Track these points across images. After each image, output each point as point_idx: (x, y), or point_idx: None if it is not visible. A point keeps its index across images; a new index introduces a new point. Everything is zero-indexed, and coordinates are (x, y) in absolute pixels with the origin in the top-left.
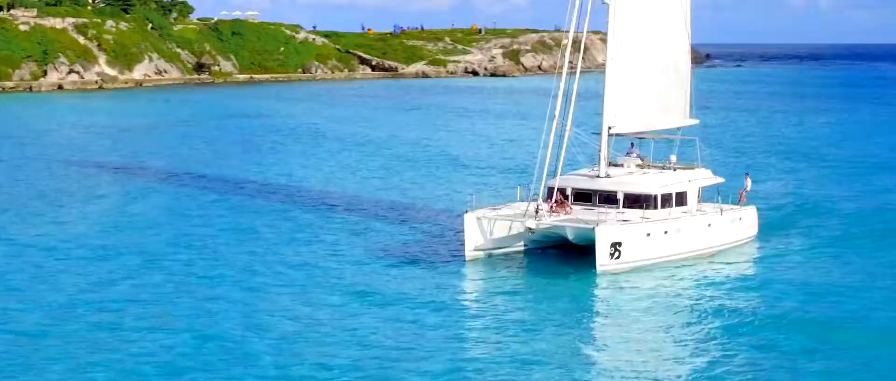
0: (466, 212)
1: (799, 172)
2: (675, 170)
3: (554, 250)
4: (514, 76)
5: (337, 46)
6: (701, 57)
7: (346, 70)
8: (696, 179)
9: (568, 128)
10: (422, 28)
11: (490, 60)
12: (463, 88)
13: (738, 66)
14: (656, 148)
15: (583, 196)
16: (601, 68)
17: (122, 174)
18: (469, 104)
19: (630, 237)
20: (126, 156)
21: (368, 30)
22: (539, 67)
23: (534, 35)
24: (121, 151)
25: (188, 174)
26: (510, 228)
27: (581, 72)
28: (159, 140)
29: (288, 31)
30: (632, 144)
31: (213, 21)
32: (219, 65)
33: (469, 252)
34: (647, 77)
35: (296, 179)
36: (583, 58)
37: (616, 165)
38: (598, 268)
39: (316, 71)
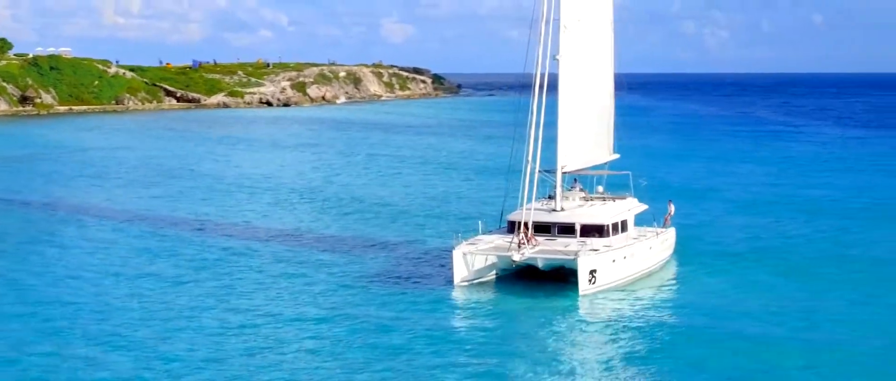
0: (454, 248)
1: (701, 197)
2: (614, 201)
3: (529, 277)
4: (303, 106)
5: (144, 80)
6: (452, 87)
7: (154, 102)
8: (632, 208)
9: (537, 170)
10: (215, 62)
11: (281, 92)
12: (288, 118)
13: (491, 95)
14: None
15: (542, 228)
16: (374, 98)
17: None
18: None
19: (602, 265)
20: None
21: (167, 64)
22: (323, 98)
23: (315, 68)
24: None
25: (95, 209)
26: (486, 259)
27: (355, 101)
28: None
29: (100, 66)
30: (574, 179)
31: (30, 56)
32: (41, 97)
33: (457, 282)
34: (587, 121)
35: (205, 213)
36: (357, 88)
37: (564, 198)
38: (581, 292)
39: (128, 102)
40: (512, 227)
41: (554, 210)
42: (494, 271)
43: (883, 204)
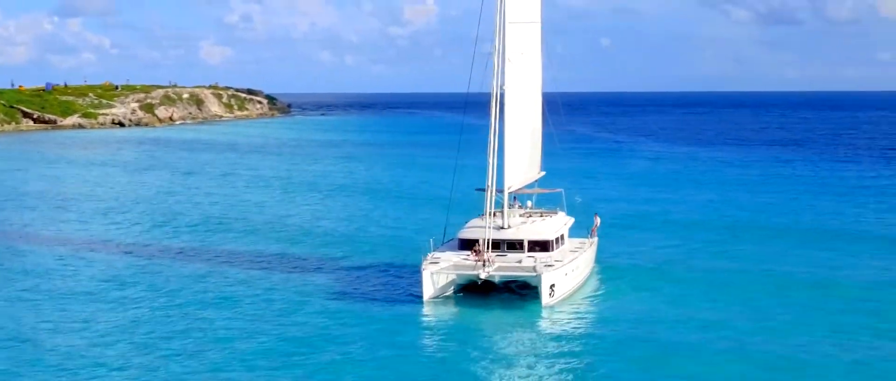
0: (423, 269)
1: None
2: (549, 216)
3: (483, 290)
4: (154, 126)
5: (2, 101)
6: (284, 107)
7: (12, 123)
8: (567, 222)
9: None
10: (66, 84)
11: (132, 113)
12: (156, 140)
13: (324, 115)
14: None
15: (492, 244)
16: (215, 118)
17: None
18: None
19: (559, 278)
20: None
21: (20, 86)
22: (170, 118)
23: (161, 90)
24: None
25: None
26: (447, 276)
27: (200, 121)
28: None
29: None
30: (514, 198)
31: None
32: None
33: (426, 298)
34: (524, 143)
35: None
36: (199, 109)
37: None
38: (543, 304)
39: None
40: (463, 244)
41: (501, 227)
42: (453, 287)
43: (741, 218)
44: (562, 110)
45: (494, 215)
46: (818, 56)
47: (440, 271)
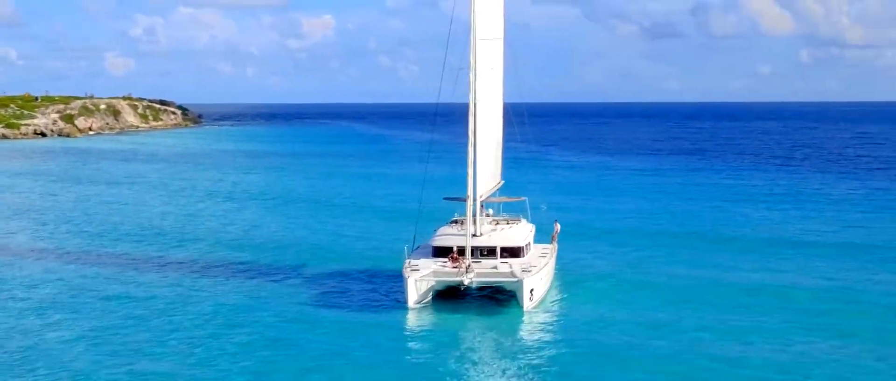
0: (407, 276)
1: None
2: (516, 223)
3: (459, 295)
4: (76, 137)
5: None
6: (196, 118)
7: None
8: (531, 229)
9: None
10: None
11: (53, 123)
12: (87, 151)
13: (235, 125)
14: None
15: (464, 251)
16: (132, 128)
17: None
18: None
19: (536, 283)
20: None
21: None
22: (90, 128)
23: (79, 101)
24: None
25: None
26: (428, 283)
27: (118, 132)
28: None
29: None
30: (482, 205)
31: None
32: None
33: (411, 305)
34: (490, 153)
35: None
36: (117, 120)
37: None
38: (525, 308)
39: None
40: (437, 251)
41: (473, 235)
42: (431, 293)
43: (707, 227)
44: (515, 120)
45: (463, 223)
46: (701, 69)
47: (423, 277)
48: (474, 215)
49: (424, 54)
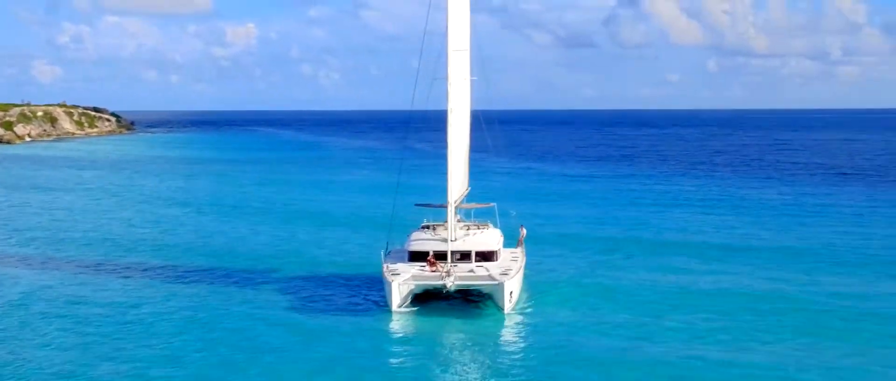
0: (391, 281)
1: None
2: (485, 228)
3: (436, 298)
4: (15, 143)
5: None
6: (129, 125)
7: None
8: (500, 234)
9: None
10: None
11: None
12: (37, 158)
13: (170, 132)
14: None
15: (441, 256)
16: (68, 135)
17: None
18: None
19: (515, 286)
20: None
21: None
22: (29, 135)
23: (17, 108)
24: None
25: None
26: (410, 287)
27: (55, 139)
28: None
29: None
30: (455, 211)
31: None
32: None
33: (395, 308)
34: (461, 160)
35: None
36: (54, 127)
37: (445, 228)
38: (506, 310)
39: None
40: (413, 256)
41: (447, 240)
42: (411, 297)
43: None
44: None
45: (434, 228)
46: (614, 77)
47: (405, 281)
48: (449, 221)
49: (346, 63)
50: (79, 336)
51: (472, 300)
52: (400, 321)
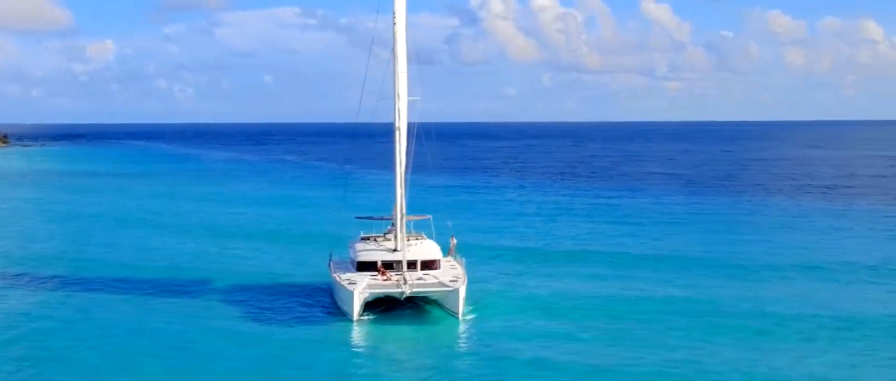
0: (353, 292)
1: None
2: (422, 239)
3: (387, 304)
4: None
5: None
6: (3, 138)
7: None
8: (436, 245)
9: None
10: None
11: None
12: None
13: (44, 146)
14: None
15: (389, 265)
16: None
17: None
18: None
19: (464, 293)
20: None
21: None
22: None
23: None
24: None
25: None
26: (365, 296)
27: None
28: None
29: None
30: (392, 223)
31: None
32: None
33: (356, 317)
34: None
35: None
36: None
37: (386, 239)
38: (459, 316)
39: None
40: (362, 266)
41: (393, 249)
42: (363, 305)
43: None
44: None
45: (376, 239)
46: (454, 92)
47: (363, 290)
48: (396, 232)
49: (200, 78)
50: (33, 350)
51: (420, 306)
52: (357, 328)
